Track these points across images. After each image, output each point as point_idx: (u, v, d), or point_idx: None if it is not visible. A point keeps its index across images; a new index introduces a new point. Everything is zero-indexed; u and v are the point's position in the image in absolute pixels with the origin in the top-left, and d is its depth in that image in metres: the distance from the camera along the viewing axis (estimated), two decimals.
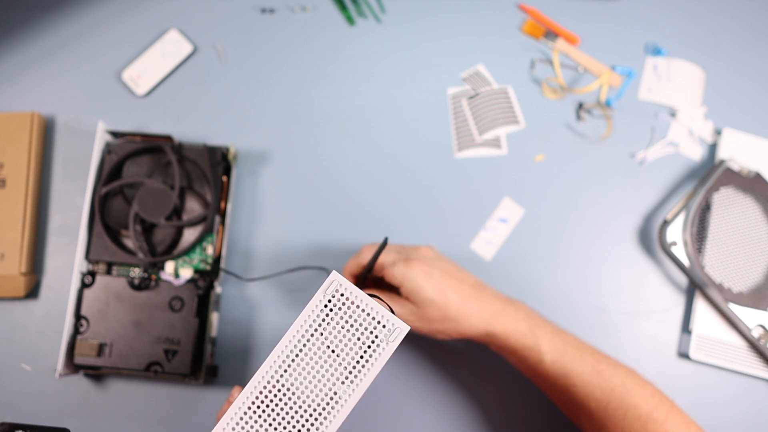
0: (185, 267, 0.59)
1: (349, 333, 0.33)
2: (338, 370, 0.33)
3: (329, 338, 0.33)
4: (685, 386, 0.63)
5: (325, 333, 0.33)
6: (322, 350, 0.33)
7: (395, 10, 0.71)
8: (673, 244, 0.63)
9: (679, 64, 0.70)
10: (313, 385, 0.33)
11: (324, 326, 0.33)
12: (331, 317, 0.33)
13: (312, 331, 0.33)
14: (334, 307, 0.33)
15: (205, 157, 0.61)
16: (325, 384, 0.33)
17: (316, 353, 0.33)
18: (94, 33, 0.69)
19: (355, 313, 0.33)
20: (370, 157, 0.67)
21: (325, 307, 0.33)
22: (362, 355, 0.33)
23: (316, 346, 0.33)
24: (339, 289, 0.33)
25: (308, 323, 0.33)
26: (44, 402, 0.60)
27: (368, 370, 0.33)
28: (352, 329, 0.33)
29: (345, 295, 0.33)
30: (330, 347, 0.33)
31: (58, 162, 0.66)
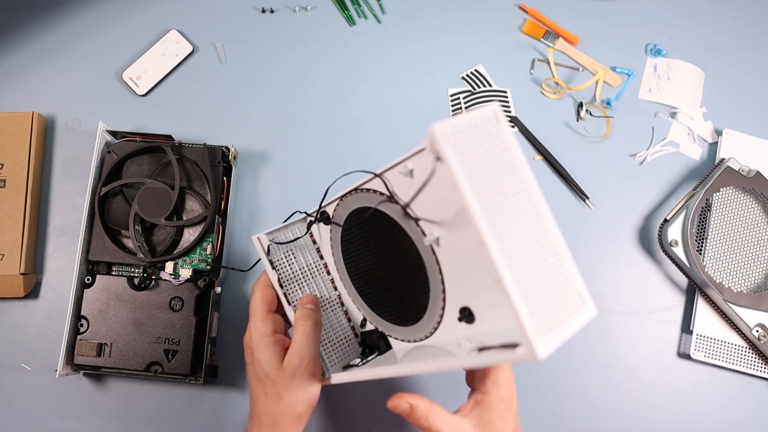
0: (185, 267, 0.59)
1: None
2: None
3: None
4: (685, 386, 0.63)
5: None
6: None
7: (395, 10, 0.71)
8: (673, 244, 0.63)
9: (679, 64, 0.70)
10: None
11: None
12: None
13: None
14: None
15: (205, 157, 0.61)
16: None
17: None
18: (94, 33, 0.69)
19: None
20: (369, 157, 0.67)
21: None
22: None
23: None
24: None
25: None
26: (44, 402, 0.60)
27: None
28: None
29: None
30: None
31: (58, 162, 0.66)
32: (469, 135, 0.33)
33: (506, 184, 0.34)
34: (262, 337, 0.45)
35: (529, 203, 0.35)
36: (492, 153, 0.34)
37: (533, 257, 0.34)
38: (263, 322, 0.46)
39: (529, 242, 0.34)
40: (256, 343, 0.45)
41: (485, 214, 0.32)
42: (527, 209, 0.34)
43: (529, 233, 0.34)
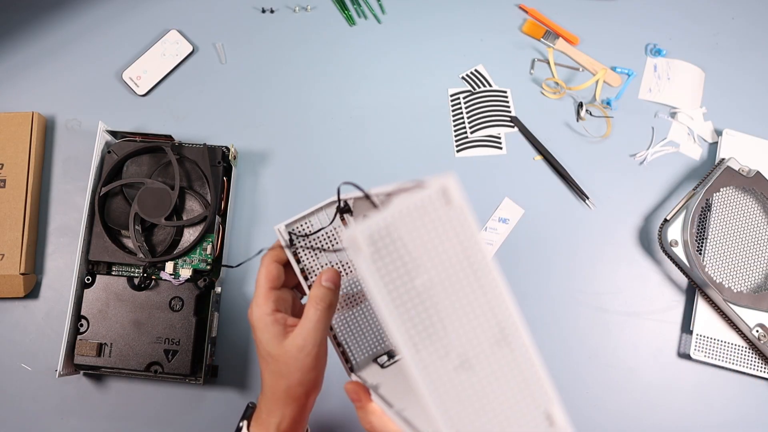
0: (185, 267, 0.59)
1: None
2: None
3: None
4: (685, 386, 0.63)
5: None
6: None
7: (395, 10, 0.71)
8: (673, 244, 0.63)
9: (679, 64, 0.70)
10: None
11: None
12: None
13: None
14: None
15: (205, 157, 0.61)
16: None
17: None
18: (94, 33, 0.69)
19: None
20: (369, 157, 0.67)
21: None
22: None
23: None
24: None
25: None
26: (44, 402, 0.60)
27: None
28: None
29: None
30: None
31: (58, 162, 0.66)
32: (402, 230, 0.28)
33: (452, 284, 0.29)
34: (262, 316, 0.44)
35: (486, 306, 0.30)
36: (438, 245, 0.29)
37: (481, 371, 0.30)
38: (264, 300, 0.45)
39: (479, 356, 0.30)
40: (255, 321, 0.44)
41: (406, 330, 0.28)
42: (481, 313, 0.30)
43: (479, 344, 0.30)
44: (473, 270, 0.29)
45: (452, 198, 0.28)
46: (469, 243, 0.29)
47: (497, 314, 0.30)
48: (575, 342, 0.64)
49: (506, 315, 0.30)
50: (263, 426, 0.45)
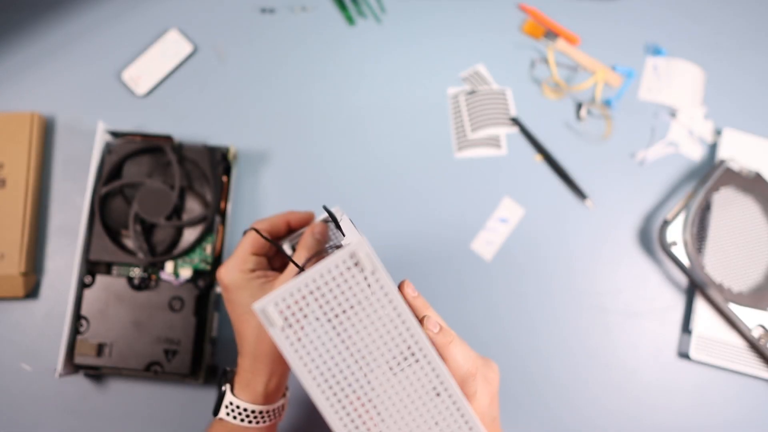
0: (185, 267, 0.59)
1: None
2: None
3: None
4: (685, 386, 0.63)
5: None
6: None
7: (395, 10, 0.71)
8: (673, 244, 0.63)
9: (679, 64, 0.70)
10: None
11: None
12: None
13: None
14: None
15: (205, 157, 0.61)
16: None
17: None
18: (94, 33, 0.69)
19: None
20: (369, 157, 0.67)
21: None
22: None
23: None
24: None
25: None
26: (44, 402, 0.60)
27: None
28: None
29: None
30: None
31: (58, 162, 0.66)
32: (313, 297, 0.28)
33: (375, 343, 0.29)
34: (240, 275, 0.44)
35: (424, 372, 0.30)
36: (356, 307, 0.29)
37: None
38: (243, 261, 0.44)
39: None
40: (231, 281, 0.43)
41: (325, 396, 0.29)
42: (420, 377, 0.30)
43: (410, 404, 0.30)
44: (403, 330, 0.29)
45: (363, 265, 0.28)
46: (389, 305, 0.29)
47: (429, 377, 0.30)
48: (575, 342, 0.64)
49: (435, 370, 0.31)
50: (250, 386, 0.44)
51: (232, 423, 0.44)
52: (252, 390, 0.44)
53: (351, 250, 0.28)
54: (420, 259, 0.65)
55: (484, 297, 0.64)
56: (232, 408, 0.44)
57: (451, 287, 0.64)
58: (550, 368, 0.63)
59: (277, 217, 0.48)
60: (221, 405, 0.45)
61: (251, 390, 0.44)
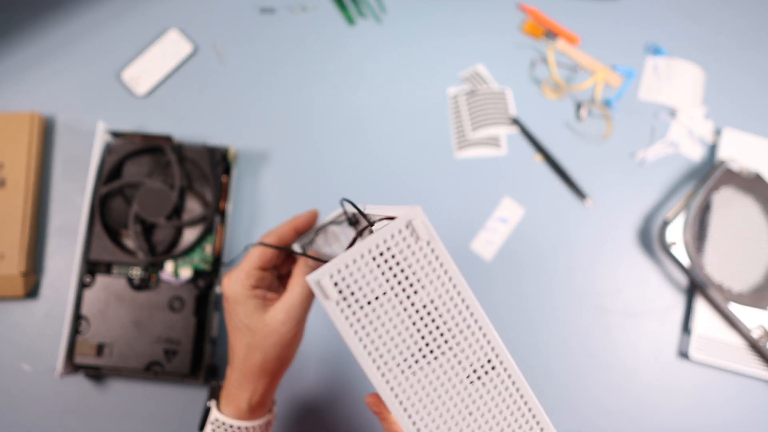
0: (185, 267, 0.59)
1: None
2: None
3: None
4: (685, 386, 0.63)
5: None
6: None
7: (395, 9, 0.71)
8: (673, 244, 0.63)
9: (679, 64, 0.70)
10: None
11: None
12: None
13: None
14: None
15: (205, 157, 0.61)
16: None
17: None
18: (94, 33, 0.69)
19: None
20: (369, 157, 0.67)
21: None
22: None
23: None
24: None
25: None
26: (44, 402, 0.60)
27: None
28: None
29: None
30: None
31: (58, 162, 0.66)
32: (369, 269, 0.27)
33: (432, 319, 0.28)
34: (242, 290, 0.43)
35: (474, 343, 0.29)
36: (413, 281, 0.27)
37: (465, 409, 0.29)
38: (246, 276, 0.44)
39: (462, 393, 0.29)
40: (233, 294, 0.43)
41: (380, 374, 0.27)
42: (464, 354, 0.29)
43: (462, 382, 0.29)
44: (456, 301, 0.28)
45: (419, 233, 0.27)
46: (444, 277, 0.28)
47: (484, 350, 0.29)
48: (575, 342, 0.64)
49: (493, 349, 0.29)
50: (234, 401, 0.44)
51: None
52: (236, 405, 0.44)
53: (407, 218, 0.27)
54: None
55: (484, 297, 0.64)
56: (218, 424, 0.44)
57: None
58: (550, 368, 0.63)
59: (283, 227, 0.48)
60: (206, 420, 0.45)
61: (235, 405, 0.44)
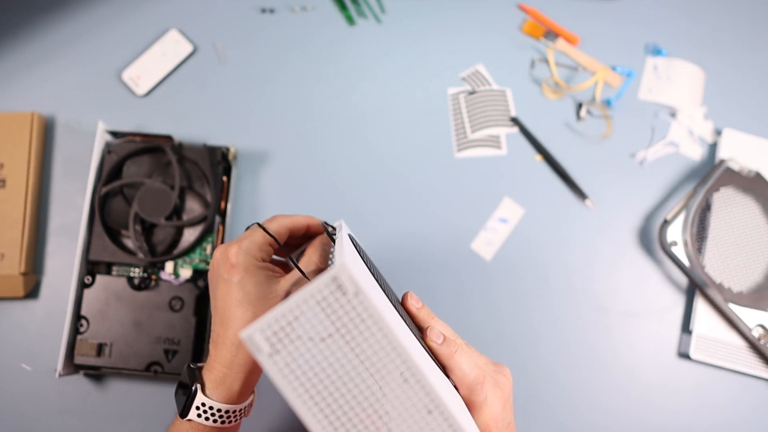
0: (185, 267, 0.59)
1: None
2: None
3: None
4: (685, 386, 0.63)
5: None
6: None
7: (395, 9, 0.71)
8: (673, 244, 0.63)
9: (679, 64, 0.70)
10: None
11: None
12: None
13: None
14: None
15: (205, 157, 0.61)
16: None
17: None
18: (94, 33, 0.69)
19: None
20: (369, 157, 0.67)
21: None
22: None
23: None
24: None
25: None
26: (44, 402, 0.60)
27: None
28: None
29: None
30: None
31: (58, 162, 0.66)
32: (299, 323, 0.28)
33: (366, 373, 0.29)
34: (254, 260, 0.41)
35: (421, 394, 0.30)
36: (343, 332, 0.28)
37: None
38: (260, 248, 0.42)
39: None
40: (245, 263, 0.41)
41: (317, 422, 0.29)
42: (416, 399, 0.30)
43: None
44: (388, 350, 0.29)
45: (345, 288, 0.28)
46: (374, 327, 0.28)
47: (423, 401, 0.30)
48: (575, 342, 0.64)
49: (432, 400, 0.30)
50: (224, 385, 0.41)
51: (202, 424, 0.41)
52: (227, 388, 0.41)
53: (333, 274, 0.28)
54: (420, 259, 0.65)
55: (484, 297, 0.64)
56: (204, 409, 0.41)
57: (451, 287, 0.64)
58: (550, 368, 0.63)
59: (298, 217, 0.46)
60: (190, 406, 0.41)
61: (226, 388, 0.41)
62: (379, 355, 0.29)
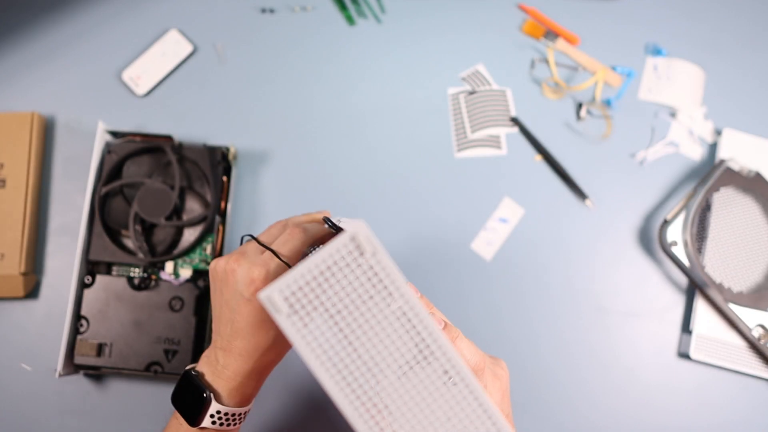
0: (185, 267, 0.59)
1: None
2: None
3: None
4: (685, 386, 0.63)
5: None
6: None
7: (395, 9, 0.71)
8: (673, 244, 0.63)
9: (679, 64, 0.70)
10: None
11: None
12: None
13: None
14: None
15: (205, 157, 0.61)
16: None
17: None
18: (94, 33, 0.69)
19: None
20: (369, 157, 0.67)
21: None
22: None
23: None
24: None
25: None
26: (44, 402, 0.60)
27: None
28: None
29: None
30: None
31: (58, 162, 0.66)
32: (320, 283, 0.28)
33: (382, 332, 0.29)
34: (278, 270, 0.41)
35: (429, 351, 0.30)
36: (361, 294, 0.28)
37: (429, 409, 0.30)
38: (297, 254, 0.42)
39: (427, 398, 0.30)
40: (274, 270, 0.41)
41: (336, 383, 0.29)
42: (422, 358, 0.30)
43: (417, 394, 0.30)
44: (402, 316, 0.29)
45: (364, 247, 0.28)
46: (392, 286, 0.29)
47: (440, 361, 0.30)
48: (575, 342, 0.64)
49: (447, 355, 0.30)
50: (241, 390, 0.42)
51: (211, 428, 0.42)
52: (241, 393, 0.42)
53: (351, 233, 0.28)
54: (420, 259, 0.65)
55: (484, 297, 0.64)
56: (219, 416, 0.41)
57: (451, 287, 0.64)
58: (550, 368, 0.63)
59: (314, 214, 0.46)
60: (203, 414, 0.41)
61: (240, 394, 0.42)
62: (397, 314, 0.29)
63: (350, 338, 0.29)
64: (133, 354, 0.57)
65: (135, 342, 0.57)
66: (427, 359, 0.30)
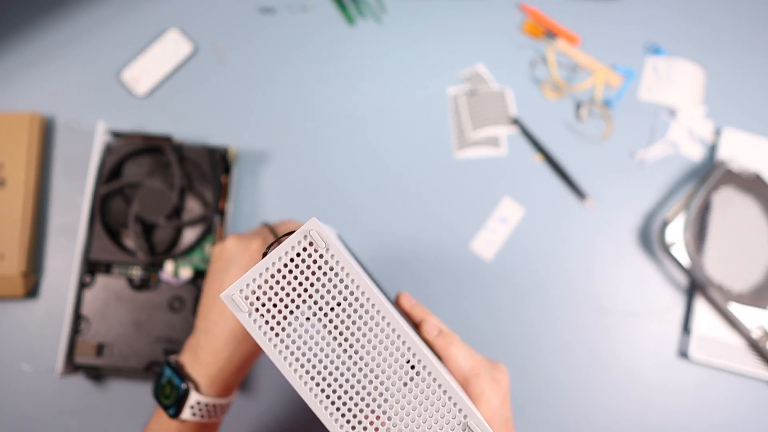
0: (185, 267, 0.59)
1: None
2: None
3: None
4: (685, 386, 0.63)
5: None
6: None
7: (395, 9, 0.71)
8: (673, 244, 0.63)
9: (679, 64, 0.70)
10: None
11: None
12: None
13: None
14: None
15: (205, 157, 0.61)
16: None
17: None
18: (94, 33, 0.69)
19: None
20: (369, 157, 0.67)
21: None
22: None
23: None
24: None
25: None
26: (44, 402, 0.60)
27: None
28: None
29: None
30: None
31: (58, 162, 0.66)
32: (275, 280, 0.29)
33: (343, 324, 0.30)
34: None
35: (388, 338, 0.30)
36: (320, 291, 0.29)
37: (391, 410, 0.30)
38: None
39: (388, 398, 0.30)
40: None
41: (302, 381, 0.29)
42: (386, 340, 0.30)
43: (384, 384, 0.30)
44: (362, 301, 0.29)
45: (317, 243, 0.29)
46: (347, 280, 0.29)
47: (401, 351, 0.30)
48: (575, 342, 0.64)
49: (410, 349, 0.30)
50: (222, 380, 0.42)
51: (190, 420, 0.41)
52: (222, 381, 0.42)
53: (303, 229, 0.28)
54: (420, 259, 0.65)
55: (484, 297, 0.64)
56: (200, 407, 0.41)
57: (451, 287, 0.64)
58: (550, 368, 0.63)
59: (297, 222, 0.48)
60: (183, 406, 0.41)
61: (221, 382, 0.42)
62: (355, 307, 0.29)
63: (315, 337, 0.30)
64: (133, 354, 0.57)
65: (135, 342, 0.57)
66: (389, 350, 0.30)
